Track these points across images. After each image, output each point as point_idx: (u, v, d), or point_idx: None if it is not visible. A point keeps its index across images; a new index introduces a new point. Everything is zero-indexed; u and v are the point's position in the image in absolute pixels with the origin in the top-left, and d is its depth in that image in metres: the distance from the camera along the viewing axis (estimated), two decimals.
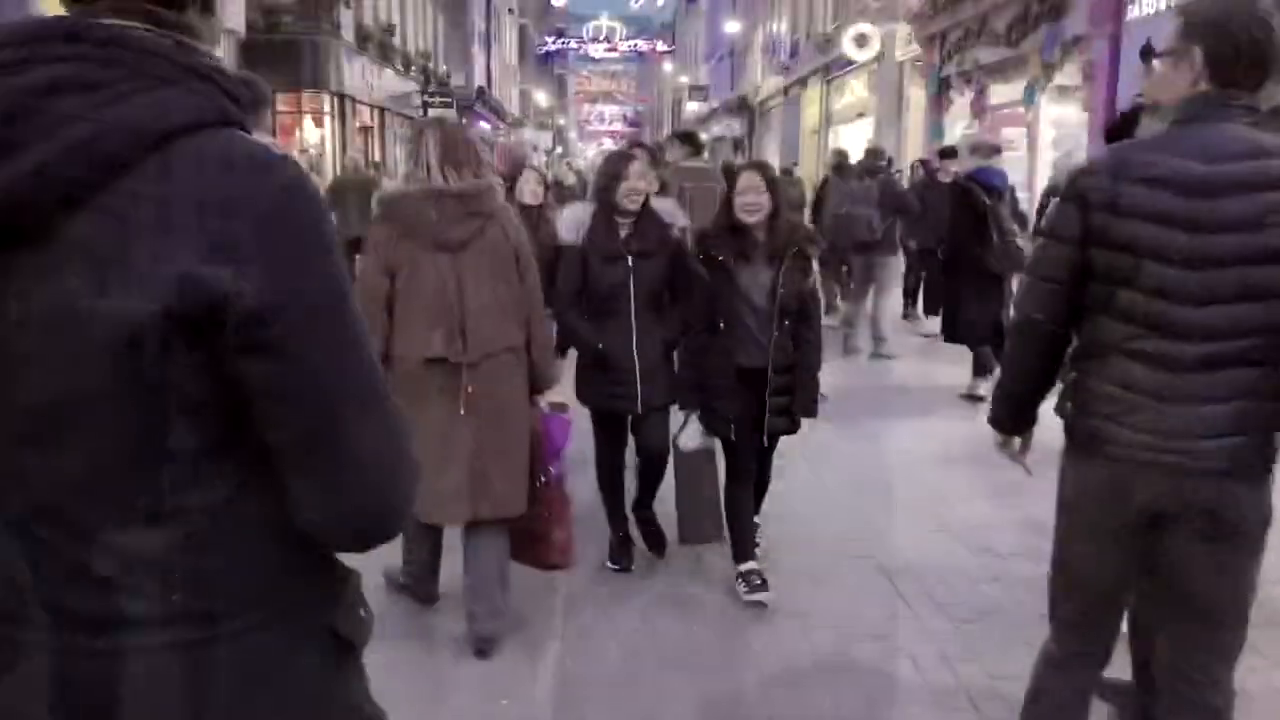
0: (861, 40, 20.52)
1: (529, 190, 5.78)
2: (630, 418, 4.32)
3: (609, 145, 45.16)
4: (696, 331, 4.07)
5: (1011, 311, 2.33)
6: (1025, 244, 7.46)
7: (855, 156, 10.80)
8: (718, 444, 4.18)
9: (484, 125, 34.95)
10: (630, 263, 4.10)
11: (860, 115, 23.04)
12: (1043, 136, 13.15)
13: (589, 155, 34.18)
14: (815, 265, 4.16)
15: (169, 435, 1.08)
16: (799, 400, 4.07)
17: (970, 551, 4.67)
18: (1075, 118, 12.54)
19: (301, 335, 1.08)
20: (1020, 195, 14.18)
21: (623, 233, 4.12)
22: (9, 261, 1.05)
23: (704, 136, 13.62)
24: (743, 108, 38.08)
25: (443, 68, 30.77)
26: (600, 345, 4.12)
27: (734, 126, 39.71)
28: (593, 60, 72.10)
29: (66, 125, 1.02)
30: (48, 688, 1.11)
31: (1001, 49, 13.75)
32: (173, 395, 1.07)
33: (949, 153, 10.56)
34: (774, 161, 24.45)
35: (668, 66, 64.15)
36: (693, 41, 56.89)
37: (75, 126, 1.03)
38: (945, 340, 7.87)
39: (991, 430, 2.50)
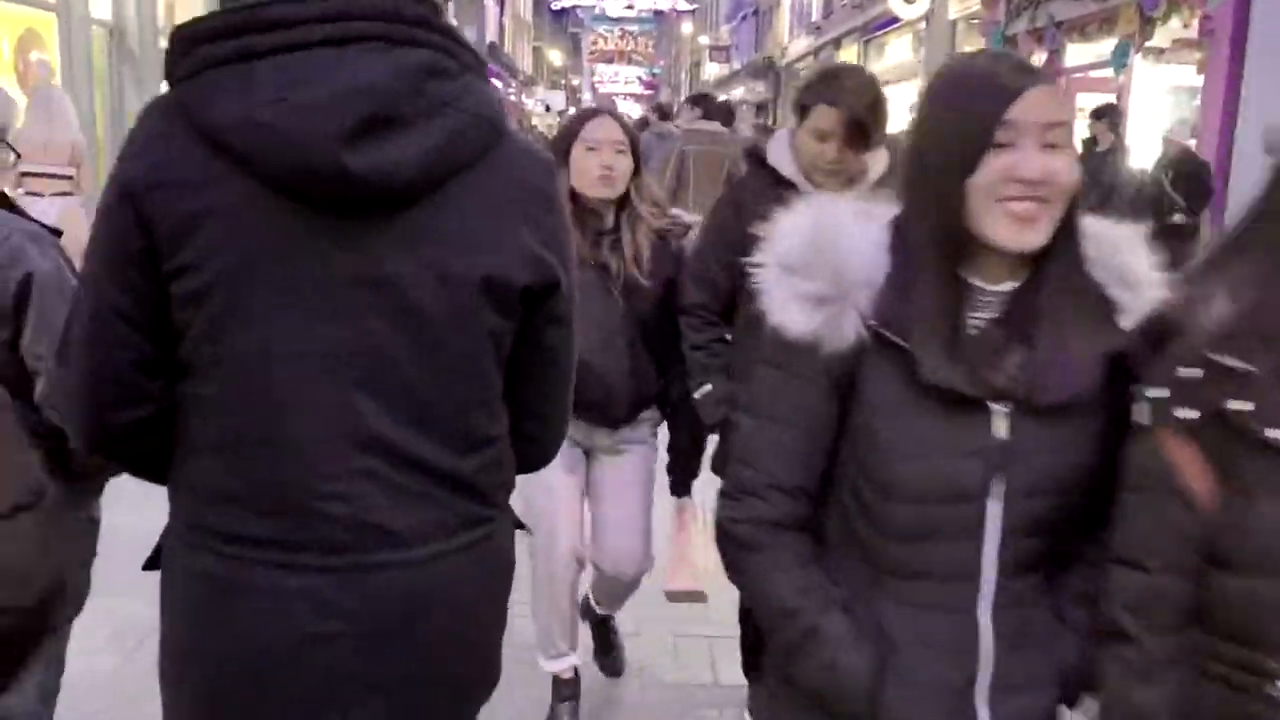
0: None
1: (596, 167, 2.66)
2: None
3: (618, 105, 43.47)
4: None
5: None
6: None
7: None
8: None
9: (495, 83, 33.36)
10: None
11: (900, 79, 21.36)
12: (1135, 105, 11.43)
13: None
14: None
15: (495, 380, 1.39)
16: None
17: None
18: (1175, 82, 10.86)
19: (573, 309, 1.45)
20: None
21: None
22: (373, 226, 1.24)
23: (722, 98, 11.99)
24: (767, 70, 36.31)
25: (452, 22, 29.24)
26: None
27: (757, 90, 38.07)
28: (609, 19, 69.95)
29: (445, 111, 1.23)
30: (350, 603, 1.29)
31: (1086, 2, 11.99)
32: (499, 348, 1.36)
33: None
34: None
35: (687, 27, 62.12)
36: (714, 0, 54.91)
37: (453, 113, 1.24)
38: None
39: None
